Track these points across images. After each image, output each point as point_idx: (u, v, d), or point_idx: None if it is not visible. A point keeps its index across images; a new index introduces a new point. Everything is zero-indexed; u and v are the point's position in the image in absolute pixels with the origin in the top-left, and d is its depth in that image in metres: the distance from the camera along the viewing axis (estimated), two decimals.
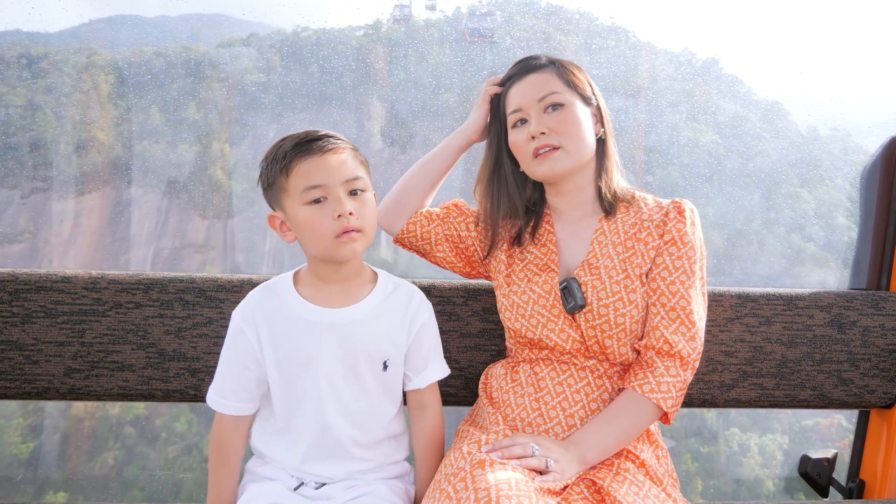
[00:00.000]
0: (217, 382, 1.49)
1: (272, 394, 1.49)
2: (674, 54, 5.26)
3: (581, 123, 1.55)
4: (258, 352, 1.45)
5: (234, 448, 1.49)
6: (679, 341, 1.49)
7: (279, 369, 1.45)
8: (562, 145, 1.54)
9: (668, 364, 1.50)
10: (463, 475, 1.30)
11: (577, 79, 1.58)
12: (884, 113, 2.16)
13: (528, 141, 1.56)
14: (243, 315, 1.46)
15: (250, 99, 4.14)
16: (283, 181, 1.38)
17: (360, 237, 1.39)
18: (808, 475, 2.19)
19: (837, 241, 4.54)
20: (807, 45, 3.10)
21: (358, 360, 1.47)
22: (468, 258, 1.77)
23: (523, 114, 1.58)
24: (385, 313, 1.49)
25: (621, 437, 1.48)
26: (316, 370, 1.45)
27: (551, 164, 1.55)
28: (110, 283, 1.83)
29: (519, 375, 1.62)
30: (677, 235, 1.54)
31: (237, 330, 1.46)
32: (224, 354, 1.48)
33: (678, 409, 1.53)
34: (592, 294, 1.53)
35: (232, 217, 4.43)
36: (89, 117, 4.18)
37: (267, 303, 1.47)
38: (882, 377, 2.00)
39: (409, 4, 5.26)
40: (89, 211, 4.35)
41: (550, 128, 1.53)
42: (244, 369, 1.46)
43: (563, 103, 1.55)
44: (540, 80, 1.57)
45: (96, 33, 4.45)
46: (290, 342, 1.44)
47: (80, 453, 4.14)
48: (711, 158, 4.49)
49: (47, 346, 1.83)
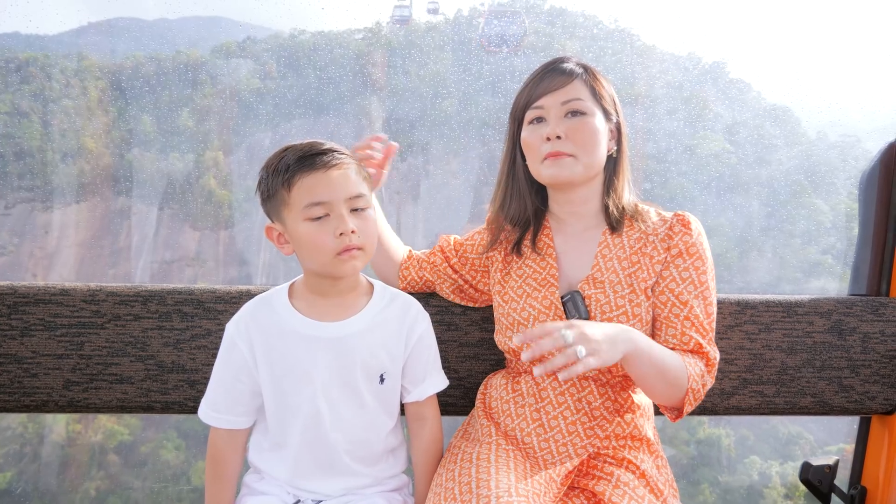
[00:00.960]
0: (209, 395, 1.48)
1: (266, 408, 1.48)
2: (679, 58, 5.23)
3: (600, 135, 1.54)
4: (251, 365, 1.44)
5: (229, 462, 1.48)
6: (704, 344, 1.49)
7: (273, 383, 1.45)
8: (575, 154, 1.52)
9: (697, 360, 1.49)
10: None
11: (603, 90, 1.57)
12: (883, 118, 2.16)
13: (543, 142, 1.54)
14: (237, 327, 1.45)
15: (246, 105, 4.02)
16: (284, 194, 1.36)
17: (361, 254, 1.38)
18: (810, 482, 2.18)
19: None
20: (812, 49, 3.08)
21: (354, 374, 1.45)
22: (470, 297, 1.84)
23: (543, 112, 1.55)
24: (381, 325, 1.48)
25: (662, 365, 1.39)
26: (311, 385, 1.44)
27: (559, 170, 1.53)
28: (109, 295, 1.83)
29: (520, 387, 1.61)
30: (684, 248, 1.54)
31: (230, 342, 1.45)
32: (217, 367, 1.48)
33: (692, 408, 1.50)
34: (596, 308, 1.53)
35: (226, 229, 4.24)
36: (77, 125, 4.02)
37: (261, 315, 1.46)
38: (883, 383, 1.99)
39: (408, 5, 5.12)
40: (76, 223, 4.16)
41: (567, 134, 1.52)
42: (237, 382, 1.45)
43: (585, 111, 1.53)
44: (567, 84, 1.54)
45: (94, 37, 4.37)
46: (284, 356, 1.43)
47: (61, 482, 3.95)
48: (722, 165, 4.47)
49: (46, 359, 1.83)
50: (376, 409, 1.50)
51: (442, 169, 3.96)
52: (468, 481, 1.35)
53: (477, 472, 1.37)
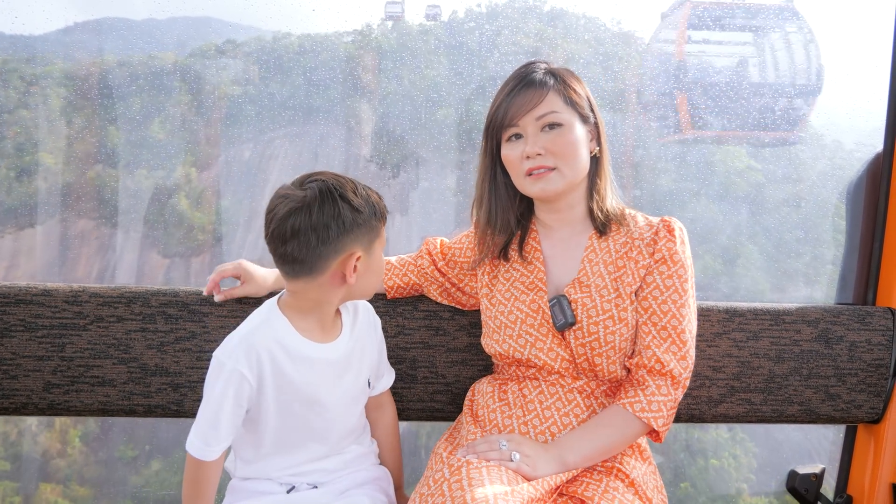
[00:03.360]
0: (208, 431, 1.38)
1: (261, 428, 1.46)
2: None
3: (578, 145, 1.53)
4: (255, 392, 1.41)
5: (211, 481, 1.45)
6: (671, 360, 1.49)
7: (280, 406, 1.44)
8: (557, 166, 1.51)
9: (660, 383, 1.49)
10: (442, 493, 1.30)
11: (576, 95, 1.54)
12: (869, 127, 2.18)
13: (523, 159, 1.53)
14: (247, 358, 1.38)
15: (226, 113, 3.59)
16: (379, 226, 1.45)
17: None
18: (796, 490, 2.18)
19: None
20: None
21: (356, 386, 1.53)
22: (457, 300, 1.84)
23: (519, 129, 1.54)
24: (361, 337, 1.55)
25: (605, 446, 1.48)
26: (321, 404, 1.46)
27: (545, 185, 1.52)
28: (91, 296, 1.81)
29: (507, 396, 1.60)
30: (667, 254, 1.54)
31: (238, 377, 1.37)
32: (217, 400, 1.38)
33: (669, 427, 1.52)
34: (582, 311, 1.52)
35: (198, 255, 3.87)
36: (36, 137, 3.58)
37: (268, 344, 1.41)
38: (869, 392, 2.00)
39: (400, 1, 5.04)
40: (29, 250, 3.73)
41: (547, 148, 1.50)
42: (237, 408, 1.40)
43: (561, 123, 1.51)
44: (539, 97, 1.52)
45: (81, 35, 4.04)
46: (293, 381, 1.42)
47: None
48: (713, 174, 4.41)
49: (26, 361, 1.79)
50: (361, 412, 1.62)
51: (433, 177, 3.88)
52: (452, 489, 1.34)
53: (462, 480, 1.36)
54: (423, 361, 1.88)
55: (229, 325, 1.76)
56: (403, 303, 1.87)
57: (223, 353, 1.40)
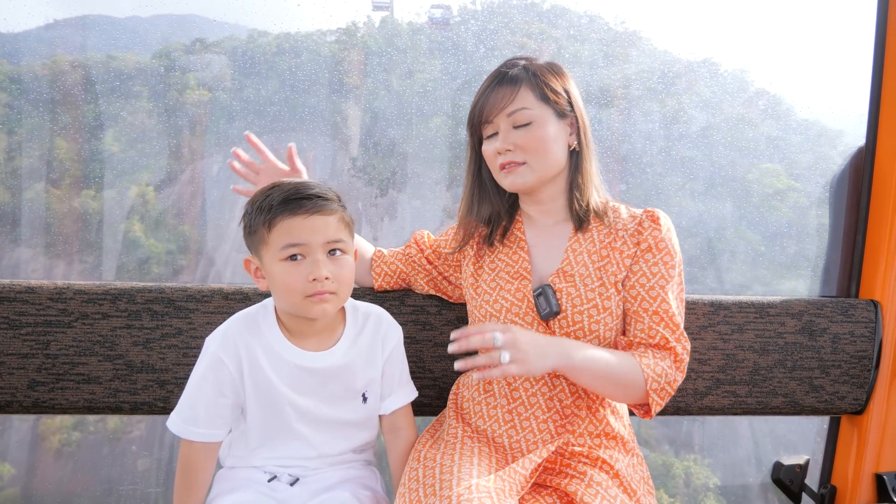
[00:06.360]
0: (187, 411, 1.42)
1: (249, 421, 1.47)
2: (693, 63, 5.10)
3: (548, 141, 1.54)
4: (238, 381, 1.42)
5: (203, 472, 1.45)
6: (670, 337, 1.50)
7: (257, 402, 1.44)
8: (527, 161, 1.54)
9: (664, 355, 1.50)
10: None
11: (551, 91, 1.55)
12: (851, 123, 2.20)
13: (497, 155, 1.57)
14: (223, 345, 1.41)
15: (190, 121, 3.10)
16: (264, 233, 1.36)
17: (333, 298, 1.38)
18: (781, 481, 2.21)
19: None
20: (805, 49, 3.10)
21: (337, 397, 1.50)
22: (443, 291, 1.86)
23: (494, 127, 1.57)
24: (361, 348, 1.51)
25: (608, 368, 1.43)
26: (296, 409, 1.46)
27: (514, 178, 1.56)
28: (76, 293, 1.79)
29: (492, 387, 1.61)
30: (653, 242, 1.55)
31: (216, 360, 1.40)
32: (196, 382, 1.42)
33: (661, 406, 1.51)
34: (567, 301, 1.53)
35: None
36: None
37: (249, 336, 1.43)
38: (852, 384, 2.02)
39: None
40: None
41: (517, 144, 1.53)
42: (220, 397, 1.42)
43: (531, 121, 1.53)
44: (511, 94, 1.54)
45: (63, 30, 3.75)
46: (268, 380, 1.43)
47: None
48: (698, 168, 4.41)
49: (10, 359, 1.78)
50: (357, 425, 1.55)
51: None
52: (432, 483, 1.35)
53: (440, 473, 1.37)
54: (411, 356, 1.87)
55: (215, 322, 1.75)
56: (391, 297, 1.87)
57: (211, 337, 1.44)
